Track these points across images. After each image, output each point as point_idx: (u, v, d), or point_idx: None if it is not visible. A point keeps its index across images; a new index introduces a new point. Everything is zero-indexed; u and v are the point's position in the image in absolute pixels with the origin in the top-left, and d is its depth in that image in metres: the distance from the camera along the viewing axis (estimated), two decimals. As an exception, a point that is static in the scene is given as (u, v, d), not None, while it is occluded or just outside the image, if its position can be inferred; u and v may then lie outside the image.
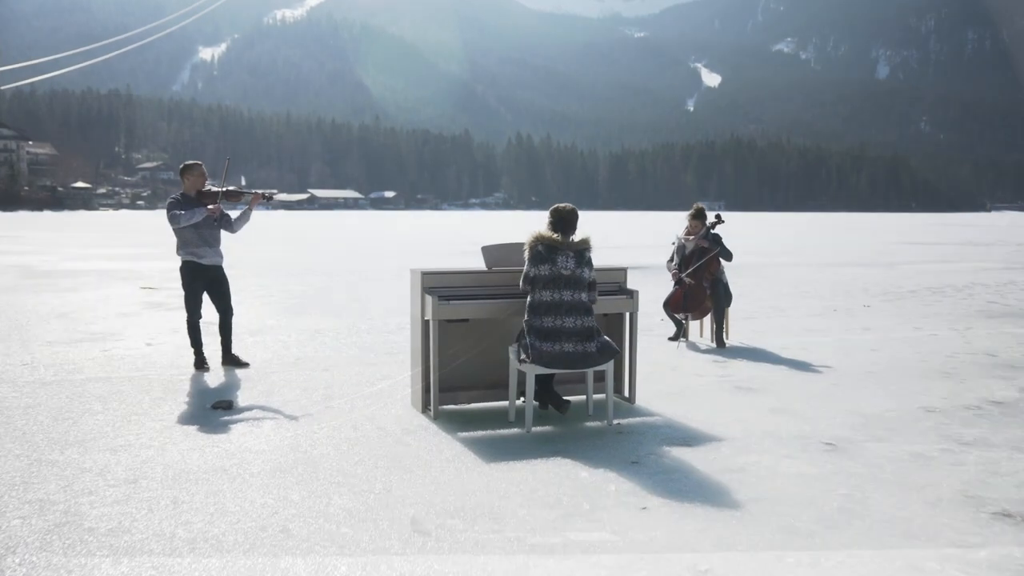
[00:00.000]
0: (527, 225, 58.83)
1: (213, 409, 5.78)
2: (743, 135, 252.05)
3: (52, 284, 14.73)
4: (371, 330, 9.47)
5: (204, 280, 7.14)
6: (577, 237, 5.42)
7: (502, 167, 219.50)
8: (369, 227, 53.71)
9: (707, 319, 9.03)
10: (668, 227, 55.87)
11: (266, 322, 10.06)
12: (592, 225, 59.30)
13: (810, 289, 14.40)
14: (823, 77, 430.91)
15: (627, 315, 6.10)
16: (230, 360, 7.29)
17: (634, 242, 33.34)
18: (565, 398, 5.66)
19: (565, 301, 5.20)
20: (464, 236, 38.38)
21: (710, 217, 8.86)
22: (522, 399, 5.62)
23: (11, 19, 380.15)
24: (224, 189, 7.16)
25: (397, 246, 29.26)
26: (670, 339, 8.84)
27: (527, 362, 5.19)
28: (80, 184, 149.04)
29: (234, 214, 7.36)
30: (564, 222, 5.38)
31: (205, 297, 7.23)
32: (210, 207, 6.90)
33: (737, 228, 53.69)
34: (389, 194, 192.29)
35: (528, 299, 5.35)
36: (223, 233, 7.32)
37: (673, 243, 9.12)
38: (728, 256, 8.72)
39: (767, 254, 24.76)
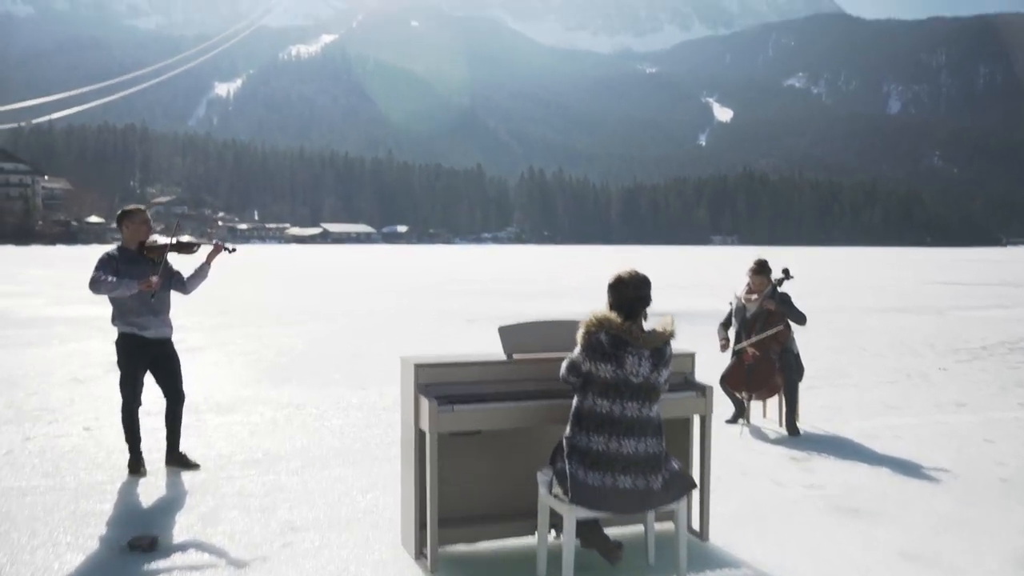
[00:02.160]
0: (541, 260, 57.01)
1: (130, 549, 4.20)
2: (755, 169, 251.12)
3: (18, 336, 13.26)
4: (362, 405, 7.90)
5: (146, 358, 5.59)
6: (651, 322, 3.80)
7: (514, 201, 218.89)
8: (379, 264, 52.34)
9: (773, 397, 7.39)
10: (686, 263, 54.23)
11: (241, 392, 8.51)
12: (607, 261, 57.69)
13: (866, 343, 12.77)
14: (834, 112, 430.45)
15: (696, 419, 4.50)
16: (176, 460, 5.71)
17: (662, 281, 31.74)
18: (616, 540, 4.01)
19: (628, 417, 3.70)
20: (477, 274, 36.89)
21: (776, 272, 7.29)
22: (555, 533, 4.04)
23: (32, 56, 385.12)
24: (174, 241, 5.66)
25: (407, 285, 27.76)
26: (728, 421, 7.23)
27: (565, 501, 3.69)
28: (94, 219, 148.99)
29: (186, 263, 5.84)
30: (635, 301, 3.78)
31: (148, 378, 5.70)
32: (145, 283, 5.31)
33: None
34: (401, 228, 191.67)
35: (574, 402, 3.82)
36: (173, 295, 5.80)
37: (730, 303, 7.53)
38: (801, 320, 7.12)
39: (800, 295, 23.10)
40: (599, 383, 3.71)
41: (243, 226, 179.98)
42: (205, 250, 5.79)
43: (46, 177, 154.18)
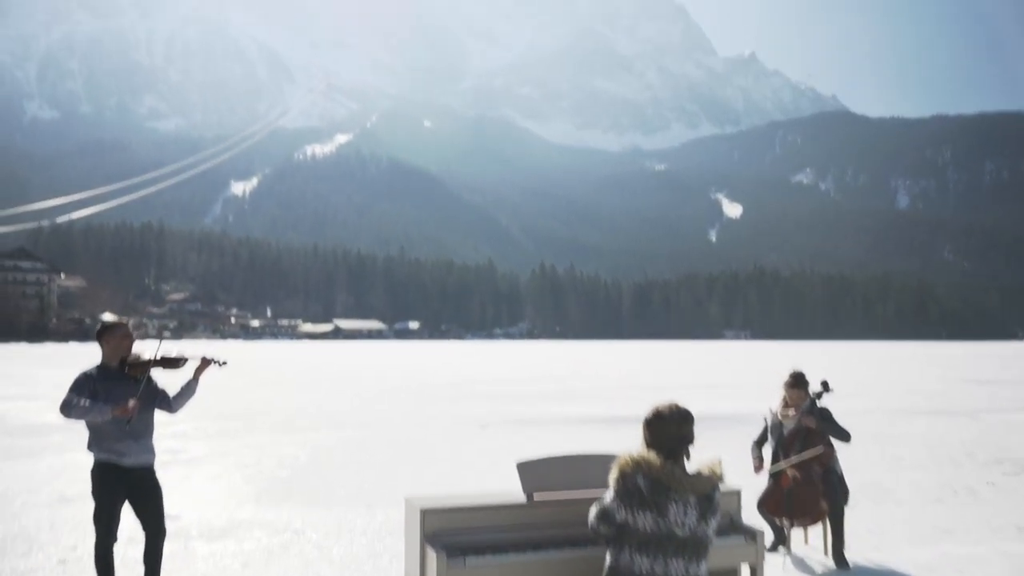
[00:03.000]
0: (554, 357, 56.17)
1: None
2: (766, 264, 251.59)
3: (11, 446, 12.70)
4: (367, 530, 7.26)
5: (124, 489, 5.04)
6: (695, 463, 3.35)
7: (526, 297, 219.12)
8: (390, 362, 51.75)
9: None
10: (700, 359, 53.42)
11: (236, 513, 7.89)
12: (620, 356, 56.88)
13: (903, 452, 12.06)
14: (843, 207, 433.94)
15: (744, 569, 3.87)
16: (154, 603, 5.10)
17: (676, 381, 31.05)
18: None
19: None
20: (489, 373, 36.24)
21: (813, 385, 6.73)
22: None
23: (56, 158, 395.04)
24: (158, 356, 5.18)
25: (417, 386, 27.13)
26: (768, 551, 6.54)
27: None
28: (108, 316, 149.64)
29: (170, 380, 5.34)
30: (677, 440, 3.29)
31: (126, 508, 5.13)
32: (121, 409, 4.78)
33: (771, 359, 51.20)
34: (413, 325, 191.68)
35: (608, 558, 3.30)
36: (158, 415, 5.29)
37: (765, 419, 6.94)
38: (845, 437, 6.53)
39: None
40: (638, 536, 3.17)
41: (255, 323, 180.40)
42: (193, 364, 5.31)
43: (63, 275, 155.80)
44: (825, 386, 6.70)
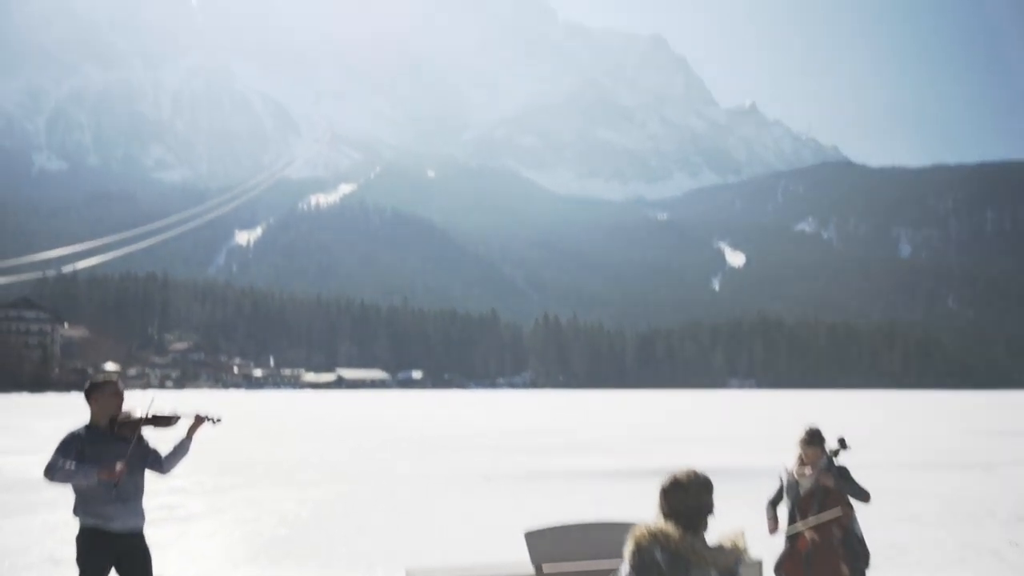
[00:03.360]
0: (557, 406, 55.62)
1: None
2: (770, 313, 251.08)
3: (3, 503, 12.40)
4: (367, 595, 6.98)
5: (111, 556, 4.78)
6: (715, 533, 3.06)
7: (529, 346, 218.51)
8: (393, 412, 51.27)
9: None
10: (705, 408, 52.86)
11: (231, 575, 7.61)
12: (624, 406, 56.28)
13: (918, 509, 11.71)
14: (846, 256, 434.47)
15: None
16: None
17: (682, 433, 30.61)
18: None
19: None
20: (493, 424, 35.81)
21: (830, 442, 6.48)
22: None
23: (63, 209, 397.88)
24: (149, 415, 4.96)
25: (420, 437, 26.74)
26: (786, 618, 6.24)
27: None
28: (110, 366, 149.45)
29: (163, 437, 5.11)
30: (696, 510, 3.02)
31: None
32: (107, 472, 4.55)
33: (778, 409, 50.63)
34: (416, 374, 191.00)
35: None
36: (148, 476, 5.05)
37: (780, 477, 6.67)
38: (865, 497, 6.27)
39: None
40: None
41: (258, 372, 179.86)
42: (186, 423, 5.09)
43: (66, 325, 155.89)
44: (842, 443, 6.44)
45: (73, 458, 4.61)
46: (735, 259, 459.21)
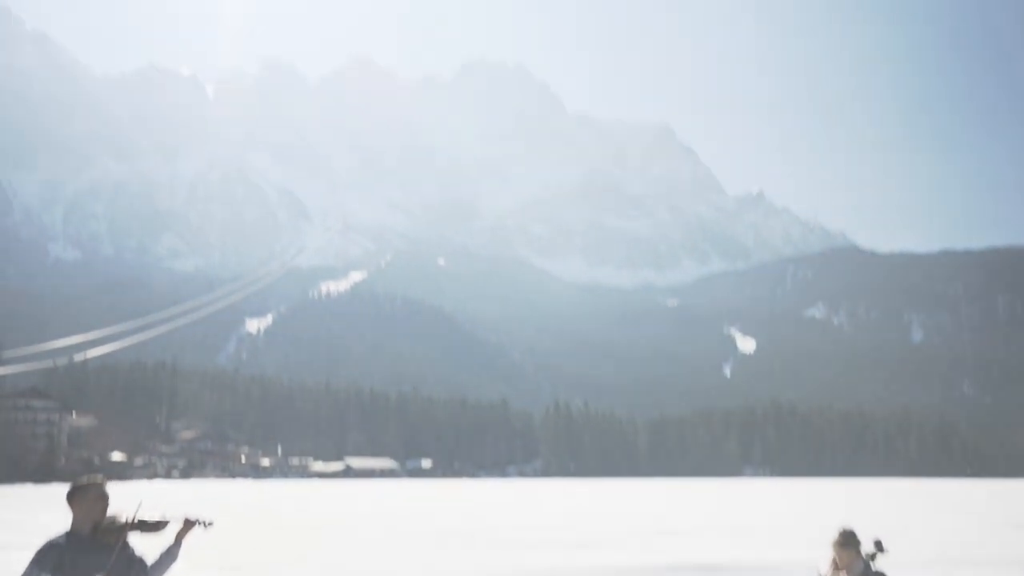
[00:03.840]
0: (570, 496, 54.34)
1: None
2: (783, 400, 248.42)
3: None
4: None
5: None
6: None
7: (540, 435, 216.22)
8: (402, 504, 50.12)
9: None
10: (721, 499, 51.50)
11: None
12: (637, 497, 54.93)
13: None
14: (858, 342, 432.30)
15: None
16: None
17: (698, 524, 29.66)
18: None
19: None
20: (504, 517, 34.84)
21: (866, 545, 6.05)
22: None
23: (75, 298, 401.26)
24: (134, 520, 4.62)
25: (430, 531, 25.94)
26: None
27: None
28: (117, 456, 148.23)
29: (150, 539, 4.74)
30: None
31: None
32: None
33: (796, 499, 49.28)
34: (426, 463, 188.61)
35: None
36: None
37: (815, 583, 6.23)
38: (906, 609, 5.82)
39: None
40: None
41: (265, 462, 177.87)
42: (175, 527, 4.74)
43: (74, 414, 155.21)
44: (879, 546, 6.04)
45: (49, 571, 4.26)
46: (746, 345, 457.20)
